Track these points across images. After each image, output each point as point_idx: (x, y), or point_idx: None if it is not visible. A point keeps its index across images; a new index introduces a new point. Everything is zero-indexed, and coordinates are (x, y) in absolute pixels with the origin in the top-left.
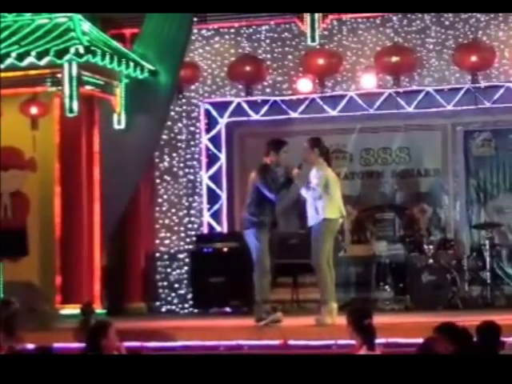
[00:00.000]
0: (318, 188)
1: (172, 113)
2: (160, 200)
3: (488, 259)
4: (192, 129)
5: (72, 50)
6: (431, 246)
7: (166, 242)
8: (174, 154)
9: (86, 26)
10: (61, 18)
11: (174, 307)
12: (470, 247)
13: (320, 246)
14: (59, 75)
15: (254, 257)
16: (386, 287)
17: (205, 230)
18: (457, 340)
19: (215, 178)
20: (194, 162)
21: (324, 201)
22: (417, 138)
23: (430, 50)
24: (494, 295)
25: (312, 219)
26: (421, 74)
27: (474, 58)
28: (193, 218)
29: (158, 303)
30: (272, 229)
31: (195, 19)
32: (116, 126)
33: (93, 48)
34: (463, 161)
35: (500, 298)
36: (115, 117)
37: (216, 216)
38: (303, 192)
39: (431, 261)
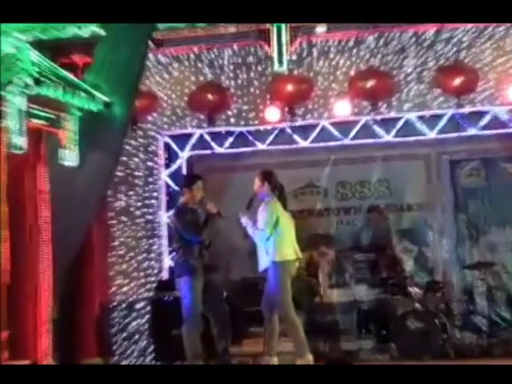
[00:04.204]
0: (265, 228)
1: (128, 147)
2: (115, 243)
3: (481, 303)
4: (150, 164)
5: (20, 81)
6: (417, 289)
7: (124, 289)
8: (131, 193)
9: (35, 55)
10: (8, 48)
11: (134, 361)
12: (461, 289)
13: (282, 293)
14: (5, 109)
15: (184, 307)
16: (368, 335)
17: (165, 275)
18: None
19: None
20: (153, 201)
21: (274, 241)
22: (397, 170)
23: (408, 73)
24: (489, 342)
25: (263, 263)
26: (399, 99)
27: (457, 81)
28: (152, 263)
29: (116, 357)
30: (208, 273)
31: (151, 44)
32: (65, 163)
33: (42, 79)
34: (450, 193)
35: (496, 345)
36: (64, 152)
37: None
38: (250, 232)
39: (417, 305)
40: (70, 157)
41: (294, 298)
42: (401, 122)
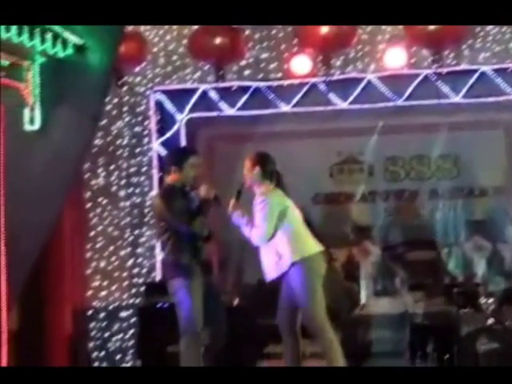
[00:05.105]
0: (265, 223)
1: (109, 106)
2: (93, 233)
3: None
4: (137, 130)
5: None
6: (491, 300)
7: (103, 293)
8: (113, 167)
9: None
10: None
11: None
12: None
13: (311, 301)
14: None
15: (180, 317)
16: (425, 359)
17: (158, 276)
18: None
19: None
20: (142, 178)
21: (285, 237)
22: (468, 141)
23: None
24: None
25: (274, 269)
26: (473, 46)
27: None
28: (140, 260)
29: None
30: (206, 274)
31: None
32: (27, 127)
33: None
34: None
35: None
36: (26, 113)
37: None
38: (246, 233)
39: (491, 321)
40: (34, 119)
41: (329, 308)
42: (474, 78)
